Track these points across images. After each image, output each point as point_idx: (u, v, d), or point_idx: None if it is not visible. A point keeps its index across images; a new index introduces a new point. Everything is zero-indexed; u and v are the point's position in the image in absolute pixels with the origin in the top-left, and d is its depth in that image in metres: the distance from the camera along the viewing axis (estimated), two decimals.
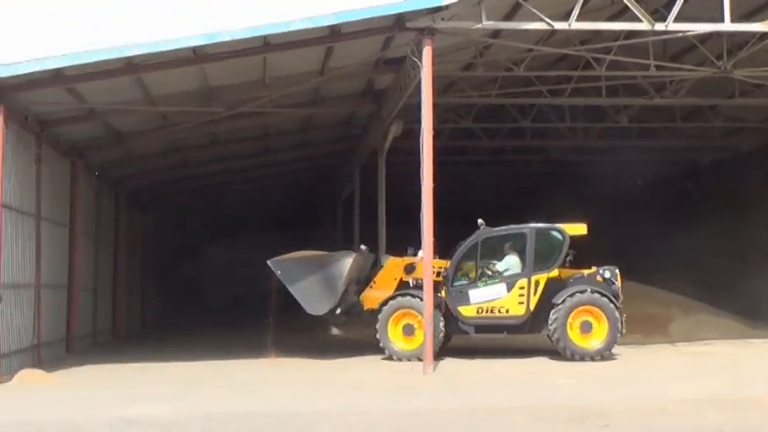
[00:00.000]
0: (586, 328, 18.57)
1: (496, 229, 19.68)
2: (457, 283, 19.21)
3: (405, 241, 20.19)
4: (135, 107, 19.97)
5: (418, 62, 17.29)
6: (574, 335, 18.49)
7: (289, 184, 36.91)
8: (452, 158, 32.94)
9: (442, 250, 19.25)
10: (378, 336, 18.84)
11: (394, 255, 20.65)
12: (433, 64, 17.06)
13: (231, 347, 21.72)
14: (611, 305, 18.62)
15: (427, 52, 16.98)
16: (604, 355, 18.56)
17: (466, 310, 18.98)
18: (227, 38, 16.27)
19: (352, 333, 22.79)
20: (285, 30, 16.52)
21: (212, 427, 11.12)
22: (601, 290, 18.79)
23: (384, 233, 23.94)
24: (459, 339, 19.89)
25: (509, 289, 18.98)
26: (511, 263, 19.34)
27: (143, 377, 16.88)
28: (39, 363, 18.06)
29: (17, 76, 15.89)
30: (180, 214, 38.79)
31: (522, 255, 19.23)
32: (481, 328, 19.10)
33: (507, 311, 18.96)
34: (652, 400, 13.11)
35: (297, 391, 14.63)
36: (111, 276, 27.28)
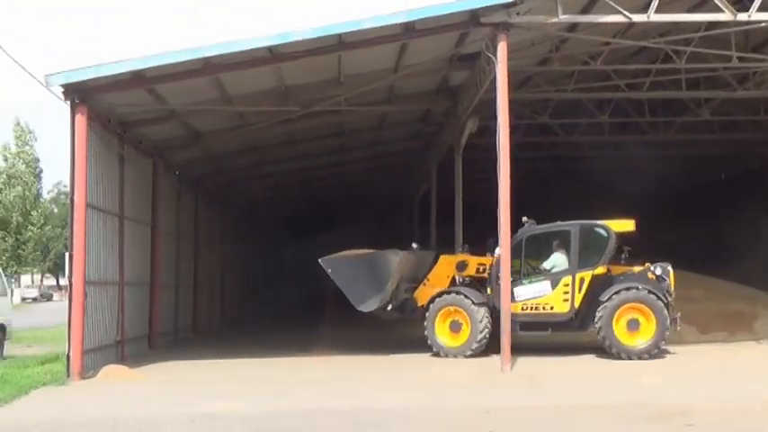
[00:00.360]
0: (633, 325, 18.23)
1: (541, 226, 19.67)
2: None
3: (482, 238, 20.09)
4: (213, 107, 20.26)
5: (493, 58, 17.16)
6: (620, 332, 18.18)
7: (364, 182, 37.02)
8: (528, 154, 32.72)
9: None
10: (426, 332, 18.96)
11: (469, 251, 20.62)
12: (508, 59, 16.91)
13: (309, 344, 21.93)
14: (660, 303, 18.21)
15: (502, 48, 16.85)
16: (651, 353, 18.15)
17: (513, 308, 18.29)
18: (301, 37, 16.40)
19: (411, 330, 22.76)
20: (358, 28, 16.59)
21: (294, 423, 11.22)
22: (650, 287, 18.40)
23: (461, 230, 23.85)
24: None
25: (554, 286, 18.88)
26: (556, 260, 19.22)
27: (224, 373, 17.11)
28: (122, 359, 18.47)
29: (99, 79, 16.25)
30: (257, 212, 39.25)
31: (567, 252, 19.11)
32: (526, 326, 18.82)
33: (552, 309, 18.85)
34: (737, 399, 12.81)
35: (376, 387, 14.67)
36: (192, 273, 27.71)
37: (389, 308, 19.86)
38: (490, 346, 18.65)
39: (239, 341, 24.78)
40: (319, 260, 19.24)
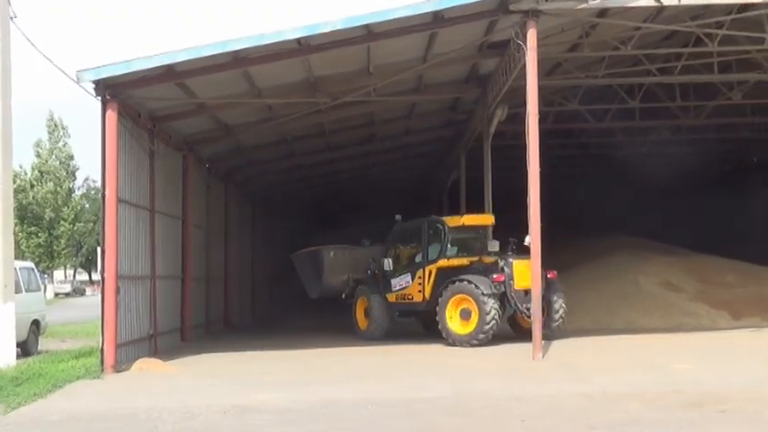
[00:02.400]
0: (465, 315, 19.10)
1: (406, 222, 21.88)
2: (385, 272, 21.34)
3: (513, 227, 20.06)
4: (242, 100, 20.32)
5: (522, 45, 17.06)
6: (453, 321, 19.19)
7: (394, 171, 37.02)
8: (558, 141, 32.54)
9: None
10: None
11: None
12: (537, 46, 16.81)
13: (338, 335, 22.05)
14: (482, 295, 18.77)
15: (531, 35, 16.74)
16: (473, 342, 18.82)
17: (390, 297, 21.23)
18: (330, 28, 16.36)
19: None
20: (387, 18, 16.54)
21: (328, 414, 11.24)
22: (476, 280, 19.04)
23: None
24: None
25: (413, 278, 20.80)
26: (422, 254, 20.95)
27: (256, 365, 17.20)
28: (155, 352, 18.58)
29: (130, 74, 16.31)
30: (286, 204, 39.33)
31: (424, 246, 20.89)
32: (402, 313, 21.35)
33: (413, 298, 20.84)
34: None
35: (410, 377, 14.67)
36: (223, 266, 27.86)
37: (344, 296, 22.79)
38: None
39: (270, 333, 24.90)
40: (291, 256, 23.80)
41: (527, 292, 18.36)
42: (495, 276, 19.01)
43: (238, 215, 30.34)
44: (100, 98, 16.36)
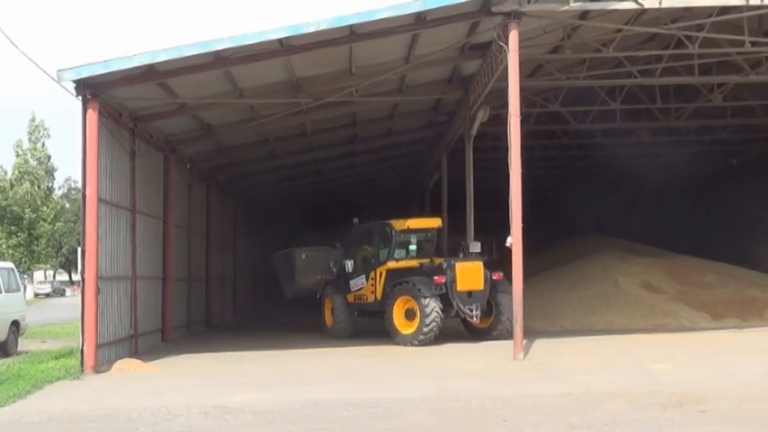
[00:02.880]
0: (410, 315, 19.73)
1: (362, 226, 22.33)
2: (346, 274, 21.84)
3: (493, 227, 20.20)
4: (224, 100, 20.27)
5: (504, 46, 17.10)
6: (399, 321, 19.84)
7: (377, 172, 37.02)
8: (540, 143, 32.64)
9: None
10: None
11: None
12: (519, 48, 16.86)
13: (320, 336, 22.05)
14: (422, 296, 19.33)
15: (513, 36, 16.79)
16: (414, 342, 19.32)
17: (350, 297, 21.82)
18: (312, 29, 16.34)
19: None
20: (370, 19, 16.53)
21: (309, 414, 11.22)
22: (413, 280, 19.76)
23: (472, 219, 23.81)
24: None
25: (367, 279, 21.40)
26: (374, 256, 21.57)
27: (237, 365, 17.14)
28: (136, 353, 18.50)
29: (111, 73, 16.21)
30: (269, 204, 39.25)
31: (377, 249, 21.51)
32: (361, 313, 21.88)
33: (367, 299, 21.39)
34: (749, 385, 12.79)
35: (391, 377, 14.68)
36: (204, 266, 27.78)
37: (318, 297, 23.12)
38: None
39: (252, 334, 24.85)
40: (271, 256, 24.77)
41: (470, 294, 19.51)
42: (435, 278, 19.58)
43: (220, 215, 30.26)
44: (80, 98, 16.27)
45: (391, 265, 20.90)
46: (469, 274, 19.63)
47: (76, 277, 76.94)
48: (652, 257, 28.75)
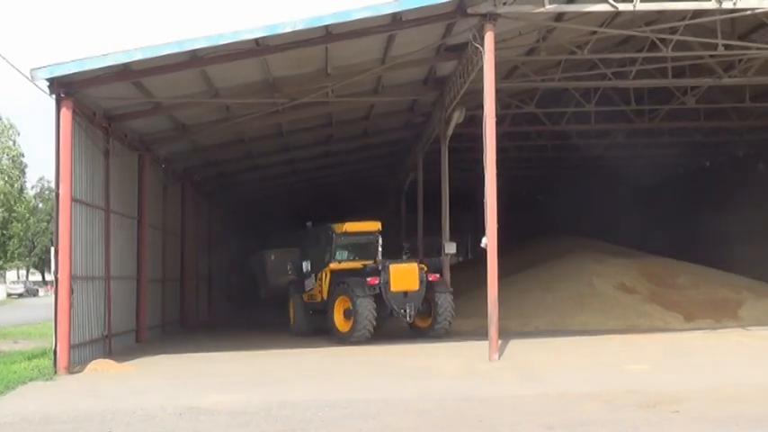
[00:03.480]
0: (348, 315, 20.45)
1: (313, 229, 23.14)
2: (303, 274, 22.51)
3: (469, 228, 20.28)
4: (199, 100, 20.20)
5: (480, 48, 17.14)
6: (339, 321, 20.62)
7: (352, 172, 36.99)
8: (515, 144, 32.73)
9: None
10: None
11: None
12: (495, 49, 16.92)
13: (294, 337, 22.03)
14: (355, 296, 20.01)
15: (489, 38, 16.84)
16: (353, 339, 20.01)
17: (305, 296, 22.53)
18: (288, 29, 16.31)
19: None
20: (346, 19, 16.53)
21: (283, 415, 11.20)
22: (348, 281, 20.49)
23: (447, 220, 23.87)
24: None
25: (315, 280, 22.13)
26: (321, 258, 22.14)
27: (211, 366, 17.09)
28: (109, 353, 18.39)
29: (85, 72, 16.13)
30: (246, 205, 39.12)
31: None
32: (315, 312, 22.31)
33: (316, 299, 22.05)
34: (723, 385, 12.90)
35: (367, 378, 14.69)
36: (179, 267, 27.65)
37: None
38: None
39: (227, 335, 24.76)
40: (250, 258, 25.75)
41: (406, 294, 20.16)
42: (368, 279, 20.23)
43: (196, 216, 30.11)
44: (54, 97, 16.14)
45: (334, 266, 21.66)
46: (403, 276, 20.32)
47: (49, 277, 76.30)
48: (626, 258, 28.93)
